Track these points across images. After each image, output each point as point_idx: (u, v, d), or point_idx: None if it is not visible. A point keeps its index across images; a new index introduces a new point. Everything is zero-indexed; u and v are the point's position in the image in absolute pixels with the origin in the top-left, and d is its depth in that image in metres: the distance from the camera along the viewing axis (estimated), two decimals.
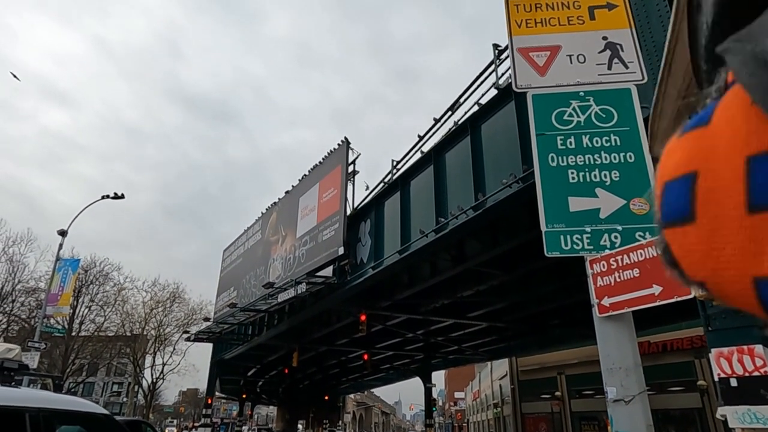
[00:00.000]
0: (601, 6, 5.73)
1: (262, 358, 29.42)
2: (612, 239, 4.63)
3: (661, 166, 0.30)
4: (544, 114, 5.23)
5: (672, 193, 0.27)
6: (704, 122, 0.28)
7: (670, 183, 0.28)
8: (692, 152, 0.27)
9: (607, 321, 4.55)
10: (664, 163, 0.30)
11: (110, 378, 59.64)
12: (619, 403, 4.27)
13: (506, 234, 11.77)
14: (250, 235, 25.12)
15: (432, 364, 32.41)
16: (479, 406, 47.93)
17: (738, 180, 0.24)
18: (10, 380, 4.09)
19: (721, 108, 0.27)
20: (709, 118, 0.27)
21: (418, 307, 17.70)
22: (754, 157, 0.23)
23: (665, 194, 0.28)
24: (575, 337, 19.99)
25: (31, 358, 16.71)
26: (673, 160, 0.29)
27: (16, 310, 28.30)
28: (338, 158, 17.61)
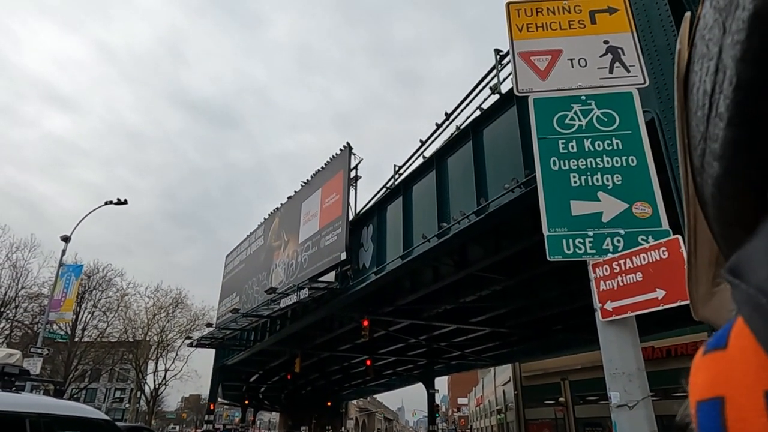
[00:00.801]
0: (602, 10, 5.74)
1: (265, 364, 29.35)
2: (614, 243, 4.61)
3: (691, 383, 0.31)
4: (546, 118, 5.22)
5: (705, 416, 0.29)
6: (722, 346, 0.29)
7: (702, 404, 0.29)
8: (716, 376, 0.28)
9: (610, 325, 4.52)
10: (694, 381, 0.31)
11: (113, 384, 59.59)
12: (622, 408, 4.23)
13: (509, 239, 11.75)
14: (252, 240, 25.14)
15: (435, 370, 32.27)
16: (482, 412, 47.70)
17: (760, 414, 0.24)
18: (11, 386, 4.08)
19: (735, 333, 0.28)
20: (726, 341, 0.28)
21: (421, 312, 17.64)
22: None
23: (699, 414, 0.29)
24: (579, 342, 19.88)
25: (34, 363, 16.72)
26: (701, 379, 0.30)
27: (19, 315, 28.35)
28: (340, 163, 17.63)
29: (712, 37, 0.29)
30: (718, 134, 0.29)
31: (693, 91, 0.32)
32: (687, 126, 0.34)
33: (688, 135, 0.34)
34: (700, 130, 0.31)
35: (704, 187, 0.33)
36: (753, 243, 0.28)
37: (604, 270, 4.58)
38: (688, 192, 0.38)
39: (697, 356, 0.31)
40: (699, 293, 0.44)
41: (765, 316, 0.25)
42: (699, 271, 0.43)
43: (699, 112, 0.31)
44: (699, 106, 0.31)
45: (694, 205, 0.38)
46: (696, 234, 0.41)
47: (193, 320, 37.77)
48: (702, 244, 0.41)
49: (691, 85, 0.32)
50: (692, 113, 0.33)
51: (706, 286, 0.43)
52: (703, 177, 0.33)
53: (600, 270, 4.62)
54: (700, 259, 0.42)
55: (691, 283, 0.44)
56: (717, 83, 0.28)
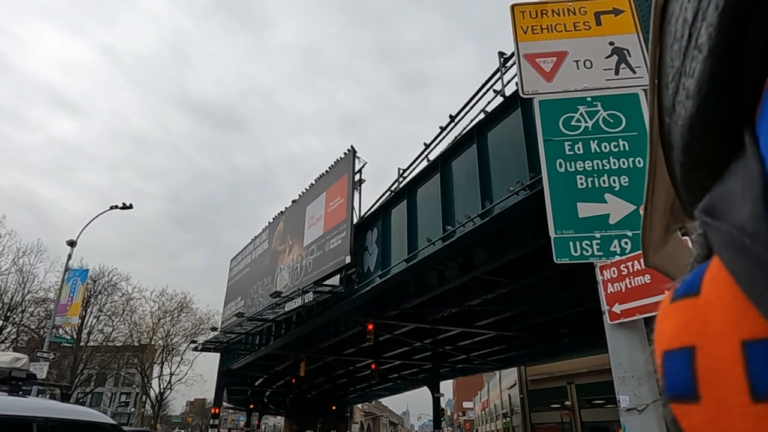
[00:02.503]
0: (607, 11, 5.72)
1: (270, 368, 29.34)
2: (622, 245, 4.58)
3: (657, 332, 0.30)
4: (552, 120, 5.20)
5: (673, 366, 0.27)
6: (694, 292, 0.27)
7: (670, 353, 0.28)
8: (686, 324, 0.27)
9: (619, 328, 4.49)
10: (660, 330, 0.30)
11: (118, 388, 59.73)
12: (632, 412, 4.19)
13: (514, 242, 11.71)
14: (257, 244, 25.18)
15: (440, 374, 32.17)
16: (488, 415, 47.47)
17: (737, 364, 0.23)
18: (18, 390, 4.09)
19: (708, 278, 0.27)
20: (698, 288, 0.27)
21: (426, 316, 17.60)
22: (750, 343, 0.23)
23: (666, 364, 0.28)
24: (585, 345, 19.78)
25: (40, 368, 16.77)
26: (668, 327, 0.29)
27: (25, 320, 28.49)
28: (345, 167, 17.65)
29: None
30: (695, 68, 0.27)
31: (671, 23, 0.30)
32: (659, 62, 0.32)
33: (660, 72, 0.32)
34: (675, 66, 0.30)
35: (673, 129, 0.31)
36: (728, 182, 0.26)
37: (612, 272, 4.55)
38: (652, 134, 0.35)
39: (664, 303, 0.30)
40: (652, 241, 0.43)
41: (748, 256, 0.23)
42: (654, 217, 0.42)
43: (675, 45, 0.29)
44: (676, 38, 0.29)
45: (657, 149, 0.36)
46: (655, 179, 0.39)
47: (198, 324, 37.90)
48: (659, 190, 0.39)
49: (670, 15, 0.30)
50: (667, 47, 0.31)
51: (659, 233, 0.43)
52: (672, 117, 0.31)
53: (608, 272, 4.59)
54: (656, 206, 0.41)
55: (645, 231, 0.43)
56: (700, 9, 0.26)
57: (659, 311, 0.31)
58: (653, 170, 0.39)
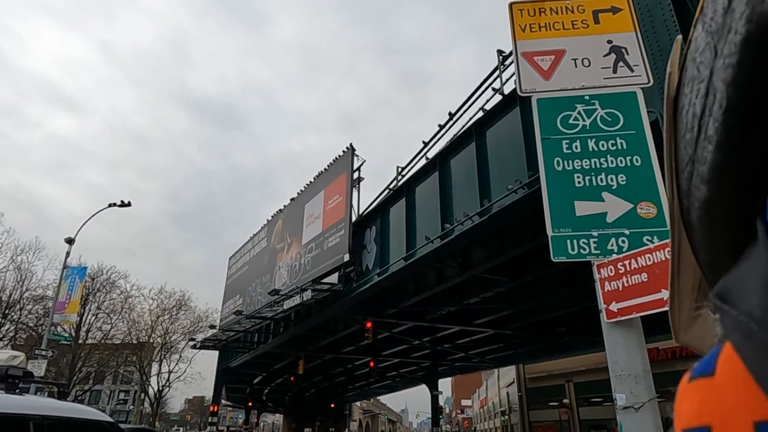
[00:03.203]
0: (605, 10, 5.72)
1: (268, 366, 29.35)
2: (619, 243, 4.58)
3: (677, 410, 0.31)
4: (550, 118, 5.20)
5: None
6: (710, 372, 0.28)
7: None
8: (703, 404, 0.28)
9: (616, 327, 4.49)
10: (680, 408, 0.31)
11: (117, 386, 59.74)
12: (628, 410, 4.20)
13: (512, 241, 11.71)
14: (255, 242, 25.17)
15: (438, 372, 32.22)
16: (486, 413, 47.58)
17: None
18: (15, 387, 4.08)
19: (722, 359, 0.28)
20: (713, 368, 0.28)
21: (425, 314, 17.61)
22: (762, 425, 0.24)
23: None
24: (583, 344, 19.81)
25: (38, 365, 16.77)
26: (687, 407, 0.30)
27: (23, 318, 28.48)
28: (343, 165, 17.64)
29: (703, 60, 0.29)
30: (706, 157, 0.29)
31: (682, 114, 0.32)
32: (675, 148, 0.34)
33: (676, 158, 0.34)
34: (689, 153, 0.31)
35: (691, 211, 0.33)
36: (741, 267, 0.27)
37: (609, 271, 4.55)
38: (673, 216, 0.37)
39: (683, 383, 0.31)
40: (681, 318, 0.44)
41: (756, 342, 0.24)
42: (682, 296, 0.42)
43: (688, 135, 0.31)
44: (688, 129, 0.31)
45: (679, 229, 0.37)
46: (680, 258, 0.40)
47: (197, 322, 37.90)
48: (685, 269, 0.40)
49: (681, 107, 0.32)
50: (681, 135, 0.32)
51: (688, 311, 0.43)
52: (690, 200, 0.33)
53: (605, 271, 4.59)
54: (683, 284, 0.42)
55: (674, 308, 0.44)
56: (707, 106, 0.28)
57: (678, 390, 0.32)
58: (677, 249, 0.39)
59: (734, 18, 0.25)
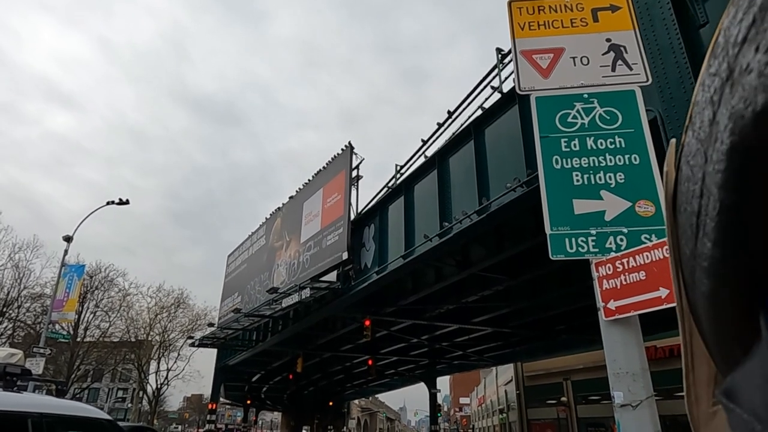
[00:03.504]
0: (604, 8, 5.72)
1: (267, 364, 29.36)
2: (617, 242, 4.58)
3: None
4: (548, 116, 5.20)
5: None
6: None
7: None
8: None
9: (614, 325, 4.50)
10: None
11: (115, 384, 59.73)
12: (626, 408, 4.21)
13: (511, 239, 11.72)
14: (254, 240, 25.15)
15: (437, 370, 32.26)
16: (485, 411, 47.66)
17: None
18: (13, 385, 4.08)
19: None
20: None
21: (423, 312, 17.62)
22: None
23: None
24: (581, 342, 19.85)
25: (36, 363, 16.75)
26: None
27: (21, 316, 28.43)
28: (342, 163, 17.63)
29: (695, 164, 0.30)
30: (706, 253, 0.30)
31: (681, 210, 0.33)
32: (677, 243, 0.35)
33: (679, 252, 0.35)
34: (690, 247, 0.32)
35: (697, 304, 0.33)
36: (747, 366, 0.28)
37: (607, 269, 4.56)
38: (682, 307, 0.37)
39: None
40: (699, 412, 0.42)
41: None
42: (698, 388, 0.42)
43: (688, 231, 0.32)
44: (687, 225, 0.32)
45: (689, 321, 0.37)
46: (693, 350, 0.40)
47: (195, 320, 37.84)
48: (699, 361, 0.40)
49: (679, 204, 0.33)
50: (682, 231, 0.33)
51: (707, 404, 0.42)
52: (694, 293, 0.33)
53: (603, 269, 4.60)
54: (698, 377, 0.41)
55: (690, 402, 0.43)
56: (702, 206, 0.29)
57: None
58: (689, 341, 0.40)
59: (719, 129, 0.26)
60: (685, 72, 5.95)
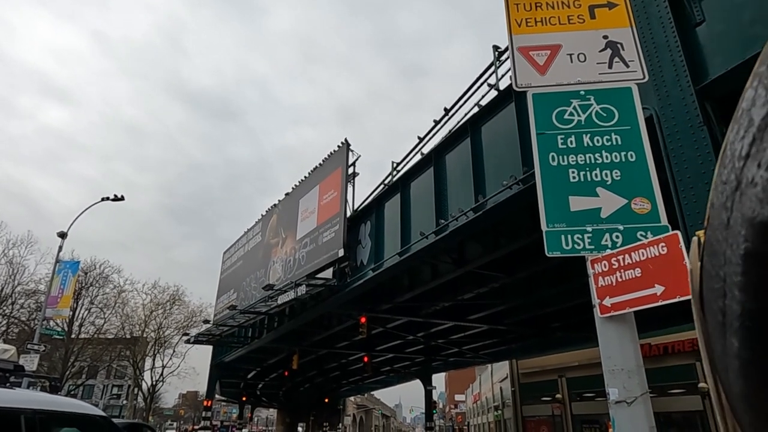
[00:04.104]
0: (601, 5, 5.71)
1: (262, 361, 29.34)
2: (613, 239, 4.58)
3: None
4: (545, 113, 5.19)
5: None
6: None
7: None
8: None
9: (609, 322, 4.51)
10: None
11: (110, 381, 59.55)
12: (621, 404, 4.22)
13: (507, 237, 11.74)
14: (250, 237, 25.09)
15: (432, 367, 32.33)
16: (480, 408, 47.82)
17: None
18: (6, 381, 4.05)
19: None
20: None
21: (419, 309, 17.64)
22: None
23: None
24: (576, 339, 19.93)
25: (31, 360, 16.68)
26: None
27: (15, 312, 28.30)
28: (338, 160, 17.60)
29: (716, 263, 0.30)
30: (735, 353, 0.30)
31: (708, 308, 0.33)
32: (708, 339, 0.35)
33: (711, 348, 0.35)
34: (720, 345, 0.32)
35: (735, 403, 0.33)
36: None
37: (603, 266, 4.56)
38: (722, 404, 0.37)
39: None
40: None
41: None
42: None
43: (717, 329, 0.32)
44: (716, 322, 0.32)
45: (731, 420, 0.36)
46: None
47: (191, 317, 37.76)
48: None
49: (706, 301, 0.33)
50: (711, 327, 0.33)
51: None
52: (732, 393, 0.33)
53: (599, 266, 4.60)
54: None
55: None
56: (726, 306, 0.30)
57: None
58: None
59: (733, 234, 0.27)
60: (681, 70, 5.96)
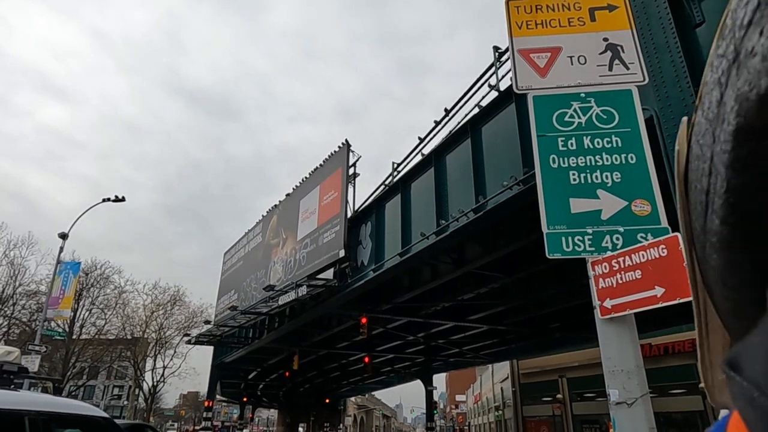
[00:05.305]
0: (601, 7, 5.73)
1: (263, 362, 29.36)
2: (614, 240, 4.61)
3: None
4: (545, 115, 5.21)
5: None
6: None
7: None
8: None
9: (609, 323, 4.53)
10: None
11: (111, 381, 59.61)
12: (621, 405, 4.24)
13: (507, 237, 11.75)
14: (250, 237, 25.12)
15: (433, 367, 32.33)
16: (480, 409, 47.84)
17: None
18: (9, 383, 4.07)
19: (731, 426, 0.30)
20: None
21: (419, 310, 17.66)
22: None
23: None
24: (576, 340, 19.95)
25: (32, 361, 16.70)
26: None
27: (16, 313, 28.31)
28: (339, 161, 17.62)
29: (705, 143, 0.31)
30: (714, 230, 0.31)
31: (692, 188, 0.35)
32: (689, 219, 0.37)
33: (690, 228, 0.36)
34: (700, 224, 0.33)
35: (708, 276, 0.35)
36: (750, 337, 0.29)
37: (603, 267, 4.58)
38: (695, 279, 0.39)
39: None
40: (715, 380, 0.44)
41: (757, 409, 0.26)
42: (713, 357, 0.43)
43: (698, 207, 0.33)
44: (698, 202, 0.33)
45: (703, 293, 0.39)
46: (707, 320, 0.42)
47: (192, 317, 37.74)
48: (713, 330, 0.41)
49: (690, 181, 0.35)
50: (693, 207, 0.35)
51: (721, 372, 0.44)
52: (706, 267, 0.35)
53: (599, 267, 4.63)
54: (713, 346, 0.43)
55: (705, 368, 0.45)
56: (711, 184, 0.30)
57: None
58: (703, 311, 0.41)
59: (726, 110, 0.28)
60: (681, 71, 5.97)
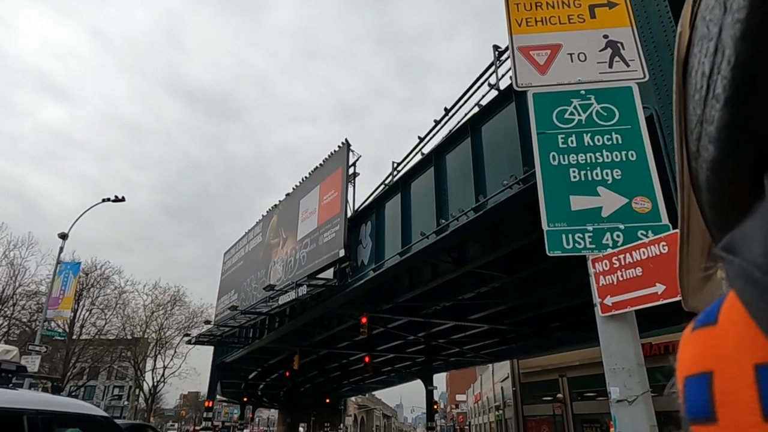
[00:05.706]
0: (601, 4, 5.72)
1: (263, 362, 29.35)
2: (614, 238, 4.59)
3: (679, 359, 0.32)
4: (545, 113, 5.20)
5: (692, 390, 0.30)
6: (712, 321, 0.30)
7: (690, 378, 0.30)
8: (704, 351, 0.30)
9: (610, 321, 4.51)
10: (682, 357, 0.32)
11: (111, 381, 59.59)
12: (622, 403, 4.23)
13: (507, 236, 11.74)
14: (250, 237, 25.11)
15: (433, 367, 32.33)
16: (481, 408, 47.83)
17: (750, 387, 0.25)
18: (8, 382, 4.06)
19: (725, 308, 0.29)
20: (716, 317, 0.30)
21: (419, 309, 17.65)
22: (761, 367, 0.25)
23: (687, 389, 0.31)
24: (577, 339, 19.93)
25: (32, 361, 16.68)
26: (688, 354, 0.31)
27: (17, 313, 28.31)
28: (339, 160, 17.61)
29: (713, 18, 0.29)
30: (714, 116, 0.30)
31: (692, 74, 0.33)
32: (684, 110, 0.35)
33: (685, 119, 0.35)
34: (697, 113, 0.32)
35: (699, 172, 0.34)
36: (748, 221, 0.28)
37: (604, 265, 4.57)
38: (683, 179, 0.38)
39: (686, 332, 0.33)
40: (690, 283, 0.44)
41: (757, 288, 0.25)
42: (690, 260, 0.43)
43: (696, 95, 0.32)
44: (697, 89, 0.32)
45: (688, 192, 0.38)
46: (689, 223, 0.41)
47: (192, 317, 37.73)
48: (694, 233, 0.41)
49: (690, 68, 0.33)
50: (690, 97, 0.33)
51: (697, 275, 0.43)
52: (698, 162, 0.34)
53: (600, 265, 4.61)
54: (692, 249, 0.42)
55: (683, 273, 0.44)
56: (716, 64, 0.29)
57: (681, 340, 0.33)
58: (686, 213, 0.40)
59: None
60: None
